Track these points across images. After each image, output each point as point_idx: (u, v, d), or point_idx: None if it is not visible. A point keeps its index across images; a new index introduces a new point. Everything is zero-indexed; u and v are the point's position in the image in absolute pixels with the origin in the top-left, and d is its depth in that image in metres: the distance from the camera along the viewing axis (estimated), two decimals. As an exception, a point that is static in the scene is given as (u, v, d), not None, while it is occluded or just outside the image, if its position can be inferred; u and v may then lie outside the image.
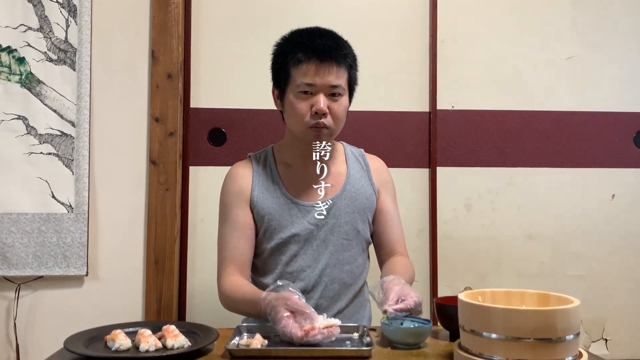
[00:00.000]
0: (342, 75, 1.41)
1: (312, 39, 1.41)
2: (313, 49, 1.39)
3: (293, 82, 1.41)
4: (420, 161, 2.21)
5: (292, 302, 1.16)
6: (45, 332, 2.03)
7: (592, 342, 2.22)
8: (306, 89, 1.40)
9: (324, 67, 1.38)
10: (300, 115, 1.41)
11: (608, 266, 2.23)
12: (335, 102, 1.41)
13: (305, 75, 1.39)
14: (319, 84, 1.39)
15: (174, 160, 2.09)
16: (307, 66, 1.38)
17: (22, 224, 2.01)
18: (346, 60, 1.42)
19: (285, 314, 1.15)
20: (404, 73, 2.21)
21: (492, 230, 2.21)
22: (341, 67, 1.41)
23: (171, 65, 2.09)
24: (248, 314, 1.43)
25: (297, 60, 1.39)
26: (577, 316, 1.00)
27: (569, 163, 2.23)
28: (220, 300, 1.47)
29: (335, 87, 1.40)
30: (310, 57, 1.38)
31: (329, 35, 1.44)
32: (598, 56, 2.26)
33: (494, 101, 2.23)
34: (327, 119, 1.41)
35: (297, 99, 1.41)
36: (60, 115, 2.05)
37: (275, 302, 1.18)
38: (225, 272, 1.45)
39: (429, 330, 1.21)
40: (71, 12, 2.06)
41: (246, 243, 1.48)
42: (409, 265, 1.50)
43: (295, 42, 1.43)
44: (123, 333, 1.12)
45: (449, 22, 2.22)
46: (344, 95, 1.43)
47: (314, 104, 1.39)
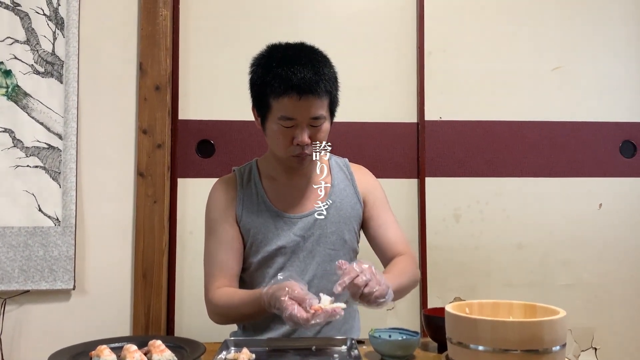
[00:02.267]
0: (322, 104, 1.38)
1: (290, 70, 1.33)
2: (291, 83, 1.32)
3: (274, 112, 1.38)
4: (408, 172, 2.21)
5: (293, 291, 1.17)
6: (31, 347, 2.01)
7: (582, 351, 2.22)
8: (287, 124, 1.37)
9: (304, 101, 1.34)
10: (283, 145, 1.40)
11: (597, 275, 2.24)
12: (317, 130, 1.40)
13: (285, 110, 1.35)
14: (299, 118, 1.36)
15: (162, 172, 2.08)
16: (288, 100, 1.34)
17: (8, 238, 1.99)
18: (326, 88, 1.37)
19: (288, 301, 1.15)
20: (392, 84, 2.22)
21: (481, 240, 2.22)
22: (322, 97, 1.37)
23: (159, 77, 2.09)
24: (247, 316, 1.41)
25: (276, 92, 1.35)
26: (563, 327, 1.01)
27: (556, 173, 2.25)
28: (210, 313, 1.46)
29: (317, 119, 1.38)
30: (289, 92, 1.33)
31: (309, 63, 1.35)
32: (584, 67, 2.28)
33: (481, 112, 2.24)
34: (309, 148, 1.40)
35: (279, 130, 1.39)
36: (47, 127, 2.03)
37: (277, 292, 1.18)
38: (214, 285, 1.44)
39: (417, 342, 1.21)
40: (58, 24, 2.05)
41: (234, 257, 1.47)
42: (408, 265, 1.46)
43: (273, 72, 1.35)
44: (108, 349, 1.11)
45: (436, 34, 2.23)
46: (325, 121, 1.41)
47: (295, 136, 1.38)
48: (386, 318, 2.16)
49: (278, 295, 1.18)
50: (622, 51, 2.29)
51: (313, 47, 1.43)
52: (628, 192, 2.27)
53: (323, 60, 1.41)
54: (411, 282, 1.45)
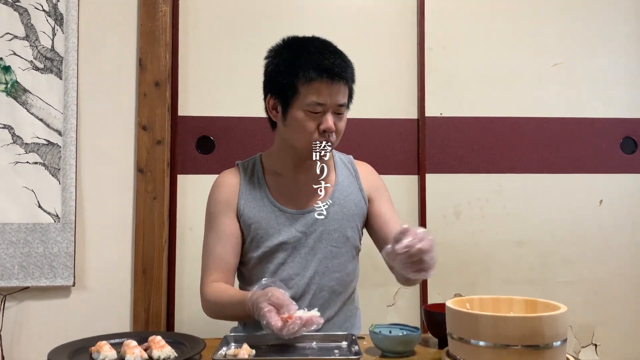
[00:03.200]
0: (346, 92, 1.42)
1: (323, 56, 1.37)
2: (326, 67, 1.36)
3: (302, 98, 1.38)
4: (409, 168, 2.20)
5: (273, 296, 1.18)
6: (31, 343, 2.00)
7: (582, 347, 2.22)
8: (316, 109, 1.38)
9: (335, 86, 1.37)
10: (309, 133, 1.39)
11: (597, 271, 2.24)
12: (340, 119, 1.42)
13: (317, 94, 1.36)
14: (329, 103, 1.38)
15: (161, 168, 2.08)
16: (319, 85, 1.36)
17: (7, 234, 1.99)
18: (352, 77, 1.42)
19: (266, 308, 1.17)
20: (392, 81, 2.21)
21: (481, 237, 2.21)
22: (348, 85, 1.41)
23: (159, 73, 2.08)
24: (235, 317, 1.42)
25: (308, 77, 1.36)
26: (564, 322, 1.00)
27: (557, 169, 2.24)
28: (204, 307, 1.46)
29: (342, 106, 1.41)
30: (322, 76, 1.35)
31: (337, 52, 1.41)
32: (585, 63, 2.27)
33: (482, 108, 2.24)
34: (333, 136, 1.41)
35: (306, 117, 1.38)
36: (47, 124, 2.03)
37: (258, 299, 1.20)
38: (209, 279, 1.45)
39: (417, 338, 1.21)
40: (58, 20, 2.05)
41: (232, 251, 1.47)
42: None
43: (305, 57, 1.38)
44: (108, 344, 1.10)
45: (436, 30, 2.23)
46: (346, 110, 1.44)
47: (321, 122, 1.38)
48: (386, 314, 2.16)
49: (259, 302, 1.19)
50: (622, 47, 2.29)
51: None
52: (629, 188, 2.26)
53: (346, 55, 1.44)
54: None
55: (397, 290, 2.17)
